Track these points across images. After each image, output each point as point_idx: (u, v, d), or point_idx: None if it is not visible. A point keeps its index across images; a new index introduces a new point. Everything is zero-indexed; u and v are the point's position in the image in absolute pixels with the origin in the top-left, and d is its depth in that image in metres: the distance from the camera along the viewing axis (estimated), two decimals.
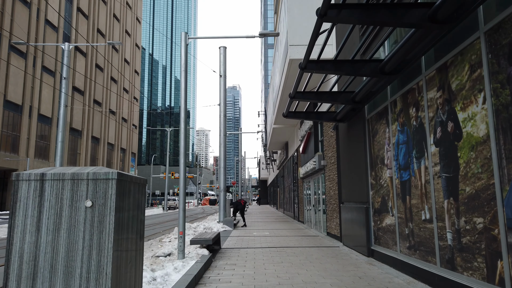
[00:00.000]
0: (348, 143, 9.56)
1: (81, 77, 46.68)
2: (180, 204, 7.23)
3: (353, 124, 9.10)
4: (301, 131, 16.91)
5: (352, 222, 9.04)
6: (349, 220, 9.32)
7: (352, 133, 9.19)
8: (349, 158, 9.49)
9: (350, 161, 9.35)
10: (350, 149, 9.38)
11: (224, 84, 19.24)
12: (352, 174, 9.21)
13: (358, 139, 8.70)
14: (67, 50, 19.64)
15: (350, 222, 9.22)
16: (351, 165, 9.25)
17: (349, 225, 9.37)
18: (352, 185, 9.14)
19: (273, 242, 10.66)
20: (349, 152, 9.48)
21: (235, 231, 14.62)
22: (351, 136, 9.24)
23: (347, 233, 9.59)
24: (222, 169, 18.56)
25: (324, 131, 12.93)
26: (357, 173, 8.78)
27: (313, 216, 15.51)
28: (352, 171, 9.20)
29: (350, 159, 9.35)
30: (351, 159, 9.26)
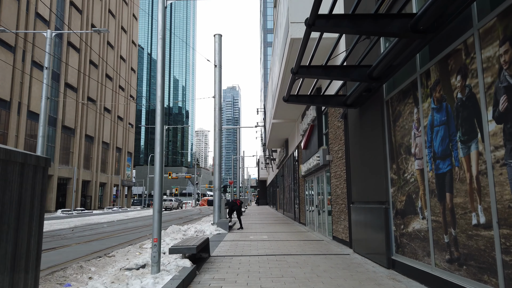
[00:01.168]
0: (360, 133, 8.11)
1: (74, 73, 45.20)
2: (154, 204, 5.77)
3: (367, 109, 7.65)
4: (302, 124, 15.47)
5: (366, 225, 7.59)
6: (362, 223, 7.87)
7: (365, 120, 7.74)
8: (361, 151, 8.04)
9: (363, 154, 7.90)
10: (362, 140, 7.94)
11: (220, 75, 17.82)
12: (365, 169, 7.76)
13: (373, 127, 7.25)
14: (49, 38, 18.19)
15: (363, 225, 7.77)
16: (364, 158, 7.80)
17: (361, 229, 7.92)
18: (366, 182, 7.69)
19: (271, 248, 9.20)
20: (361, 143, 8.03)
21: (230, 234, 13.17)
22: (365, 123, 7.79)
23: (359, 239, 8.14)
24: (217, 166, 17.12)
25: (330, 123, 11.48)
26: (372, 168, 7.33)
27: (316, 218, 14.06)
28: (365, 165, 7.75)
29: (363, 152, 7.90)
30: (364, 152, 7.81)
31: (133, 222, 22.24)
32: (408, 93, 5.84)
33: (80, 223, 21.14)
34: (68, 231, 16.12)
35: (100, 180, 53.55)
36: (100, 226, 18.96)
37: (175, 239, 10.59)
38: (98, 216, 31.63)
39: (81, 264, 6.34)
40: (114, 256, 7.66)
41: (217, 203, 16.62)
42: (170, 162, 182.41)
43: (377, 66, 5.94)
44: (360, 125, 8.08)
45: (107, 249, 9.61)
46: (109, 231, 16.10)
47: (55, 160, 41.75)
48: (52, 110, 41.02)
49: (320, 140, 12.68)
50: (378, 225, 6.91)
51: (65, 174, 43.84)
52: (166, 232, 11.80)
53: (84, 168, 48.91)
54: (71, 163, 45.22)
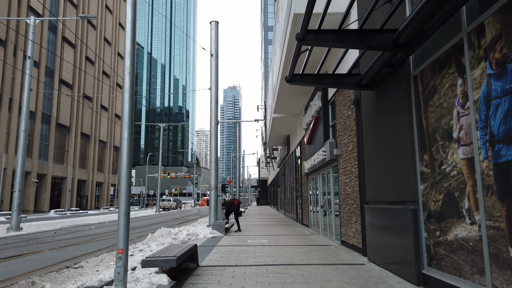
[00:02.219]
0: (377, 120, 6.80)
1: (69, 69, 43.95)
2: (120, 205, 4.48)
3: (386, 89, 6.34)
4: (306, 117, 14.17)
5: (386, 230, 6.28)
6: (380, 228, 6.56)
7: (384, 103, 6.43)
8: (378, 141, 6.73)
9: (381, 144, 6.59)
10: (380, 128, 6.63)
11: (216, 65, 16.54)
12: (384, 163, 6.45)
13: (396, 110, 5.94)
14: (32, 25, 16.92)
15: (382, 230, 6.46)
16: (383, 150, 6.49)
17: (379, 235, 6.61)
18: (385, 178, 6.38)
19: (272, 256, 7.90)
20: (378, 132, 6.73)
21: (226, 237, 11.87)
22: (383, 108, 6.48)
23: (376, 246, 6.83)
24: (214, 163, 15.83)
25: (337, 112, 10.18)
26: (394, 161, 6.02)
27: (321, 220, 12.75)
28: (384, 158, 6.44)
29: (381, 142, 6.60)
30: (383, 142, 6.50)
31: None
32: (447, 61, 4.53)
33: (68, 225, 19.87)
34: (51, 233, 14.85)
35: (96, 180, 52.29)
36: (88, 228, 17.68)
37: (162, 244, 9.31)
38: (91, 217, 30.37)
39: (34, 280, 5.07)
40: (82, 267, 6.37)
41: (214, 204, 15.34)
42: (171, 162, 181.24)
43: (406, 28, 4.65)
44: (377, 110, 6.77)
45: (80, 257, 8.34)
46: (94, 233, 14.82)
47: (49, 159, 40.49)
48: (45, 107, 39.77)
49: (326, 133, 11.37)
50: (403, 230, 5.60)
51: (59, 173, 42.59)
52: (154, 236, 10.50)
53: (80, 167, 47.65)
54: (66, 162, 43.96)
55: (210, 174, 15.61)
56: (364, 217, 7.85)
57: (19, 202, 15.75)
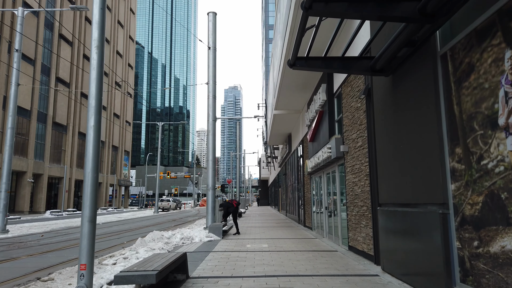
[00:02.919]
0: (393, 110, 5.93)
1: (66, 67, 43.13)
2: (84, 210, 3.62)
3: (405, 74, 5.47)
4: (309, 113, 13.30)
5: (405, 237, 5.41)
6: (397, 234, 5.69)
7: (403, 90, 5.56)
8: (395, 134, 5.86)
9: (398, 137, 5.72)
10: (397, 119, 5.76)
11: (214, 58, 15.69)
12: (402, 159, 5.58)
13: (418, 97, 5.07)
14: (20, 17, 16.09)
15: (400, 236, 5.59)
16: (401, 144, 5.62)
17: (396, 241, 5.74)
18: (404, 176, 5.51)
19: (273, 265, 7.03)
20: (395, 124, 5.85)
21: (224, 241, 11.01)
22: (401, 95, 5.60)
23: (391, 254, 5.96)
24: (211, 162, 14.98)
25: (344, 105, 9.31)
26: (415, 156, 5.15)
27: (325, 222, 11.88)
28: (402, 153, 5.57)
29: (398, 135, 5.73)
30: (401, 135, 5.63)
31: (119, 225, 20.11)
32: (490, 31, 3.65)
33: (60, 226, 19.03)
34: (38, 236, 14.01)
35: None
36: (79, 230, 16.81)
37: (151, 250, 8.45)
38: None
39: None
40: (52, 280, 5.51)
41: (211, 205, 14.50)
42: (171, 162, 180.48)
43: None
44: (393, 99, 5.90)
45: (58, 265, 7.50)
46: None
47: (45, 159, 39.67)
48: (41, 106, 38.96)
49: (331, 128, 10.49)
50: (428, 238, 4.73)
51: (56, 173, 41.79)
52: (144, 240, 9.64)
53: (78, 167, 46.84)
54: (63, 162, 43.14)
55: (208, 173, 14.76)
56: (376, 221, 6.98)
57: (5, 203, 14.91)
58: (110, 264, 6.68)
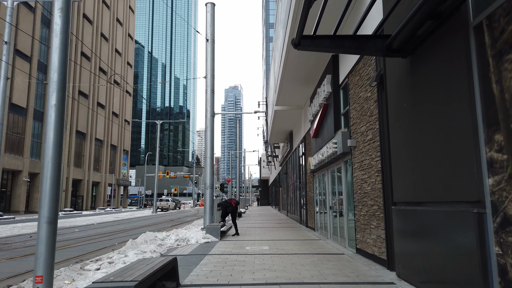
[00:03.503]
0: (411, 96, 5.23)
1: None
2: (41, 211, 2.92)
3: (426, 54, 4.77)
4: (312, 107, 12.60)
5: (427, 239, 4.71)
6: (417, 235, 4.99)
7: (423, 72, 4.86)
8: (414, 123, 5.17)
9: (418, 127, 5.03)
10: (417, 106, 5.06)
11: (212, 51, 15.00)
12: (424, 151, 4.89)
13: (443, 79, 4.37)
14: (10, 8, 15.40)
15: (421, 239, 4.90)
16: (422, 133, 4.93)
17: (416, 245, 5.04)
18: (426, 170, 4.80)
19: (274, 270, 6.33)
20: (414, 111, 5.16)
21: (221, 243, 10.31)
22: (422, 78, 4.90)
23: (409, 259, 5.26)
24: (209, 159, 14.29)
25: (352, 96, 8.61)
26: (441, 146, 4.45)
27: (330, 222, 11.18)
28: (424, 144, 4.88)
29: (418, 124, 5.03)
30: (421, 123, 4.93)
31: (114, 225, 19.42)
32: None
33: None
34: (26, 237, 13.32)
35: (93, 179, 50.79)
36: (71, 230, 16.14)
37: (142, 253, 7.75)
38: (83, 218, 28.86)
39: None
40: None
41: (209, 204, 13.80)
42: (171, 162, 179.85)
43: None
44: (412, 83, 5.20)
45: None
46: (73, 238, 13.27)
47: (42, 158, 38.96)
48: (38, 104, 38.26)
49: (337, 122, 9.79)
50: (456, 241, 4.03)
51: None
52: (135, 242, 8.95)
53: (75, 166, 46.16)
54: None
55: (205, 171, 14.06)
56: (389, 221, 6.28)
57: None
58: (92, 270, 5.99)
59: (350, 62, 8.65)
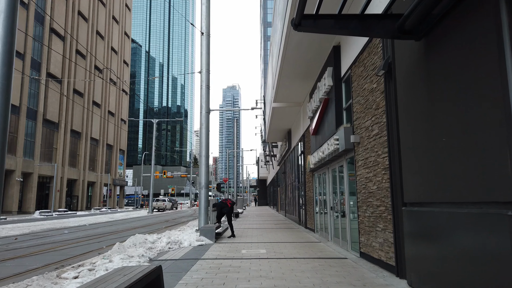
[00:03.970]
0: (425, 83, 4.66)
1: (58, 63, 41.72)
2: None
3: (444, 35, 4.19)
4: (311, 103, 12.03)
5: (446, 245, 4.14)
6: (433, 240, 4.42)
7: (441, 55, 4.28)
8: (429, 114, 4.59)
9: (436, 118, 4.45)
10: (433, 94, 4.48)
11: (207, 45, 14.39)
12: (441, 145, 4.31)
13: (466, 60, 3.80)
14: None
15: (438, 244, 4.32)
16: (439, 124, 4.35)
17: (431, 250, 4.47)
18: (445, 167, 4.23)
19: (272, 277, 5.74)
20: (429, 100, 4.58)
21: (216, 246, 9.72)
22: (440, 62, 4.32)
23: (423, 266, 4.69)
24: (204, 158, 13.69)
25: (355, 89, 8.04)
26: (463, 139, 3.87)
27: (331, 224, 10.61)
28: (441, 139, 4.30)
29: (435, 115, 4.45)
30: (438, 113, 4.36)
31: (107, 227, 18.79)
32: None
33: (41, 228, 17.69)
34: (11, 239, 12.69)
35: (88, 179, 50.06)
36: (60, 232, 15.50)
37: (128, 258, 7.15)
38: (77, 218, 28.21)
39: None
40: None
41: (204, 205, 13.19)
42: (169, 162, 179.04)
43: None
44: (427, 69, 4.62)
45: (7, 278, 6.21)
46: (60, 240, 12.64)
47: (35, 157, 38.26)
48: (31, 102, 37.54)
49: (338, 117, 9.21)
50: (485, 247, 3.46)
51: (47, 172, 40.39)
52: (123, 245, 8.34)
53: (70, 165, 45.44)
54: (54, 160, 41.74)
55: (200, 170, 13.46)
56: (398, 224, 5.71)
57: None
58: (70, 278, 5.38)
59: (354, 52, 8.07)
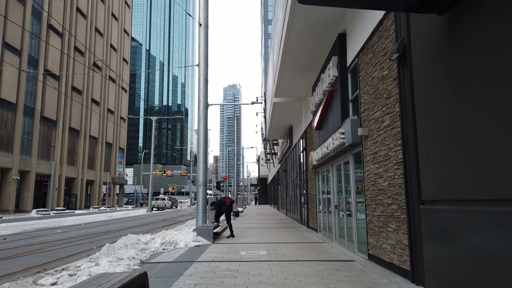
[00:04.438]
0: (452, 65, 4.05)
1: (56, 59, 41.15)
2: None
3: (476, 5, 3.58)
4: (314, 96, 11.43)
5: (475, 249, 3.54)
6: (461, 243, 3.82)
7: (469, 32, 3.68)
8: (454, 101, 3.99)
9: (463, 105, 3.85)
10: (460, 76, 3.88)
11: (205, 37, 13.79)
12: (467, 136, 3.71)
13: (505, 37, 3.19)
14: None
15: (465, 248, 3.73)
16: (466, 113, 3.75)
17: (456, 255, 3.88)
18: (474, 159, 3.63)
19: (273, 284, 5.16)
20: (456, 85, 3.98)
21: (213, 247, 9.14)
22: (469, 40, 3.72)
23: (445, 272, 4.09)
24: (202, 154, 13.10)
25: (363, 78, 7.44)
26: (499, 127, 3.27)
27: (335, 223, 10.01)
28: (468, 128, 3.70)
29: (461, 101, 3.85)
30: (467, 100, 3.76)
31: (102, 226, 18.23)
32: None
33: (33, 228, 17.13)
34: (0, 239, 12.13)
35: (87, 178, 49.53)
36: (53, 231, 14.94)
37: (117, 261, 6.58)
38: (74, 217, 27.66)
39: None
40: None
41: (202, 203, 12.58)
42: (170, 161, 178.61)
43: None
44: (450, 48, 4.02)
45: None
46: (51, 240, 12.07)
47: (33, 155, 37.70)
48: (28, 99, 36.97)
49: (344, 109, 8.61)
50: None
51: (45, 171, 39.85)
52: (113, 246, 7.76)
53: (69, 164, 44.89)
54: (52, 158, 41.19)
55: (198, 167, 12.87)
56: (414, 224, 5.12)
57: None
58: (47, 285, 4.81)
59: (361, 38, 7.47)
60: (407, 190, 5.32)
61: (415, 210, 5.13)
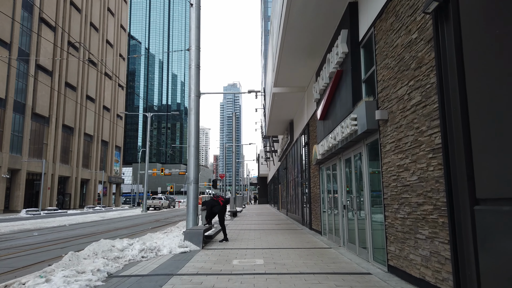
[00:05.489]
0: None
1: (48, 54, 39.78)
2: None
3: None
4: (319, 82, 10.09)
5: None
6: None
7: None
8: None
9: None
10: None
11: (197, 18, 12.48)
12: None
13: None
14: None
15: None
16: None
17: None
18: None
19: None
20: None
21: (202, 254, 7.81)
22: None
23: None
24: (193, 148, 11.77)
25: (380, 52, 6.11)
26: None
27: (344, 226, 8.67)
28: None
29: None
30: None
31: (88, 227, 16.89)
32: None
33: (10, 229, 15.78)
34: None
35: (81, 177, 48.18)
36: (30, 234, 13.60)
37: (76, 276, 5.25)
38: (64, 218, 26.35)
39: None
40: None
41: (192, 203, 11.23)
42: (169, 160, 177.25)
43: None
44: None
45: None
46: (20, 244, 10.74)
47: (24, 153, 36.34)
48: (19, 95, 35.62)
49: (356, 91, 7.27)
50: None
51: (38, 169, 38.50)
52: (78, 255, 6.43)
53: (62, 162, 43.55)
54: (44, 156, 39.85)
55: (189, 163, 11.54)
56: (460, 230, 3.78)
57: None
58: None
59: (379, 1, 6.13)
60: (449, 186, 3.99)
61: (461, 212, 3.80)
